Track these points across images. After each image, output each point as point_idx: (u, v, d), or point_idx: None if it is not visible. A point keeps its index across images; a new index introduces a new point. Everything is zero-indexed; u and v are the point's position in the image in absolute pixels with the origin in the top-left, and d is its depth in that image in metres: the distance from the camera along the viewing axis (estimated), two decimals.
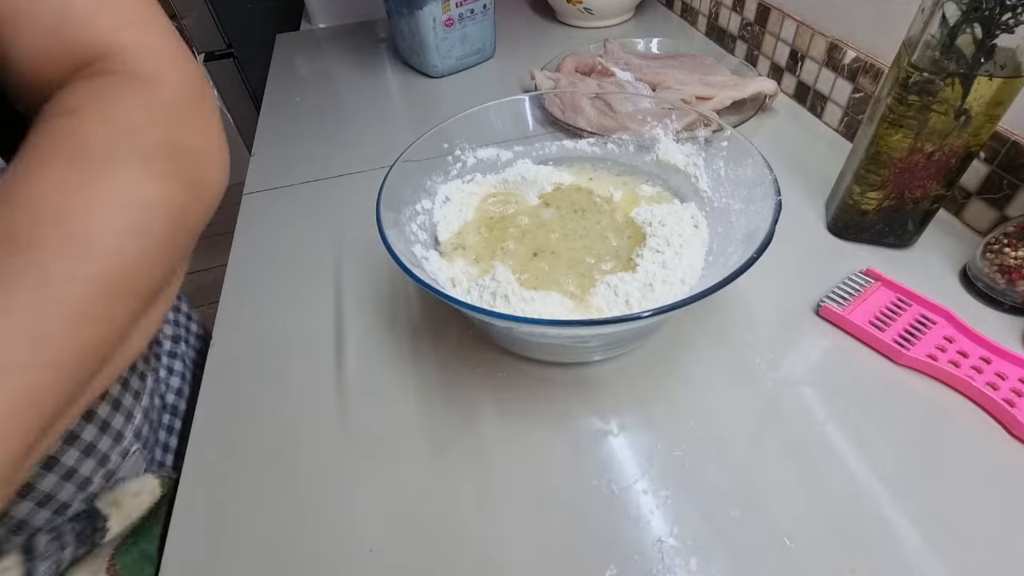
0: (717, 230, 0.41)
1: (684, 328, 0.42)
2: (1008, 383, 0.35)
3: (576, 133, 0.54)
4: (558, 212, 0.45)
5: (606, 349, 0.39)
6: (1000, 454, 0.33)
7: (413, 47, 0.80)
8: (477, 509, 0.33)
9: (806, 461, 0.33)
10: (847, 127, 0.59)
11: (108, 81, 0.27)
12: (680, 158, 0.46)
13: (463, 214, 0.45)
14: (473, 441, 0.36)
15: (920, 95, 0.37)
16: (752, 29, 0.73)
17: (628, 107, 0.55)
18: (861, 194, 0.44)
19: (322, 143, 0.69)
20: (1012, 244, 0.39)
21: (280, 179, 0.62)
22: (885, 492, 0.32)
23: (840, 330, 0.40)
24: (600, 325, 0.32)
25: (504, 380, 0.39)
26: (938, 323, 0.39)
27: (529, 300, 0.36)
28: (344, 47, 0.94)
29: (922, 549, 0.29)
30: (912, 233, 0.45)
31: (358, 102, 0.77)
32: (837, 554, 0.29)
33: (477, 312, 0.32)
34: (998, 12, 0.32)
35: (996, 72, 0.34)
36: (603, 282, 0.38)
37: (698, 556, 0.30)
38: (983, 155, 0.44)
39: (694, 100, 0.60)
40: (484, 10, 0.79)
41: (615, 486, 0.33)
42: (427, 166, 0.45)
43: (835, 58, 0.59)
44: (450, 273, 0.40)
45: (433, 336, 0.42)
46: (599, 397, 0.38)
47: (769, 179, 0.36)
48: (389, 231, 0.36)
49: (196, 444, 0.37)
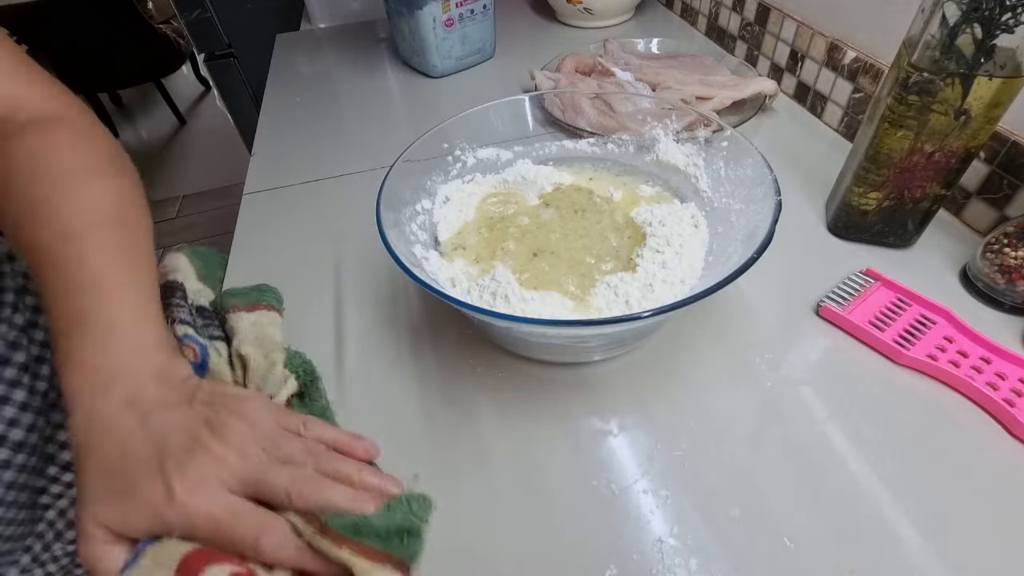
0: (717, 230, 0.41)
1: (684, 328, 0.42)
2: (1008, 383, 0.35)
3: (576, 133, 0.54)
4: (558, 212, 0.45)
5: (606, 349, 0.39)
6: (1000, 454, 0.33)
7: (413, 47, 0.80)
8: (477, 509, 0.33)
9: (806, 461, 0.33)
10: (847, 127, 0.59)
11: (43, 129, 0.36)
12: (680, 158, 0.46)
13: (463, 214, 0.45)
14: (473, 441, 0.36)
15: (920, 95, 0.37)
16: (752, 29, 0.73)
17: (628, 107, 0.55)
18: (861, 194, 0.44)
19: (322, 143, 0.69)
20: (1012, 244, 0.39)
21: (280, 179, 0.62)
22: (885, 492, 0.32)
23: (840, 330, 0.40)
24: (600, 325, 0.32)
25: (504, 380, 0.39)
26: (938, 323, 0.39)
27: (529, 300, 0.36)
28: (344, 47, 0.94)
29: (922, 549, 0.29)
30: (912, 233, 0.45)
31: (358, 102, 0.77)
32: (837, 554, 0.29)
33: (477, 312, 0.32)
34: (998, 12, 0.32)
35: (996, 72, 0.34)
36: (603, 282, 0.38)
37: (698, 556, 0.30)
38: (983, 155, 0.44)
39: (694, 100, 0.60)
40: (484, 10, 0.79)
41: (615, 486, 0.33)
42: (427, 166, 0.45)
43: (835, 58, 0.59)
44: (450, 273, 0.40)
45: (433, 336, 0.42)
46: (599, 397, 0.38)
47: (769, 179, 0.36)
48: (389, 231, 0.36)
49: None
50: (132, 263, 0.32)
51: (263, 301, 0.40)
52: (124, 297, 0.31)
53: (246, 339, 0.37)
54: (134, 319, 0.31)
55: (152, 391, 0.28)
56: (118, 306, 0.30)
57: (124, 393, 0.28)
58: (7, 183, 0.33)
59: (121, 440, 0.27)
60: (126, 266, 0.32)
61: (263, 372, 0.35)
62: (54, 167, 0.34)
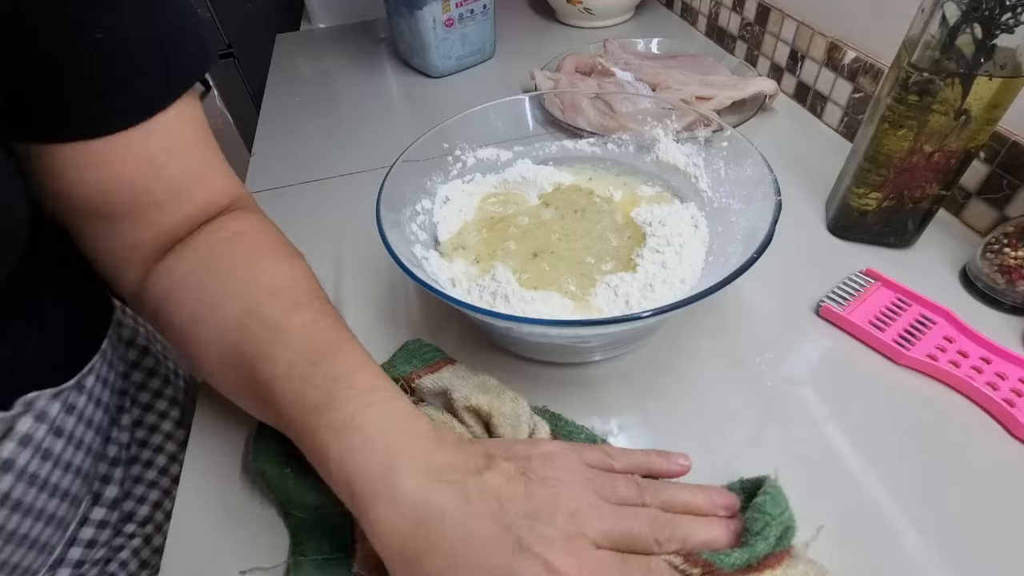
0: (717, 230, 0.41)
1: (684, 328, 0.41)
2: (1008, 383, 0.35)
3: (576, 133, 0.54)
4: (558, 212, 0.45)
5: (606, 349, 0.39)
6: (1000, 454, 0.33)
7: (413, 47, 0.80)
8: None
9: (806, 461, 0.33)
10: (847, 127, 0.59)
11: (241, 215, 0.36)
12: (680, 158, 0.46)
13: (463, 214, 0.45)
14: None
15: (920, 95, 0.37)
16: (752, 29, 0.72)
17: (628, 107, 0.55)
18: (861, 195, 0.44)
19: (322, 143, 0.69)
20: (1012, 244, 0.39)
21: (280, 179, 0.62)
22: (885, 492, 0.32)
23: (840, 330, 0.40)
24: (600, 325, 0.32)
25: (504, 380, 0.39)
26: (938, 323, 0.39)
27: (529, 300, 0.36)
28: (344, 47, 0.94)
29: (922, 549, 0.29)
30: (912, 233, 0.45)
31: (358, 102, 0.77)
32: (837, 554, 0.29)
33: (477, 312, 0.32)
34: (998, 12, 0.32)
35: (996, 72, 0.34)
36: (603, 282, 0.38)
37: None
38: (983, 155, 0.44)
39: (694, 100, 0.60)
40: (484, 10, 0.79)
41: None
42: (427, 166, 0.45)
43: (835, 58, 0.59)
44: (450, 273, 0.40)
45: (433, 336, 0.42)
46: (599, 397, 0.38)
47: (769, 179, 0.36)
48: (389, 231, 0.36)
49: (196, 445, 0.37)
50: (348, 331, 0.31)
51: (438, 358, 0.38)
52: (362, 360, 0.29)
53: (466, 390, 0.33)
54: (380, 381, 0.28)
55: (443, 455, 0.25)
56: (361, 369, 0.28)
57: (420, 465, 0.24)
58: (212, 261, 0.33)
59: (453, 524, 0.23)
60: (346, 333, 0.30)
61: (511, 415, 0.32)
62: (259, 244, 0.34)
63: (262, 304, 0.30)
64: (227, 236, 0.34)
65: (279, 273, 0.33)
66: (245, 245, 0.34)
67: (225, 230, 0.34)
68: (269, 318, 0.30)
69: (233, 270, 0.32)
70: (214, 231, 0.34)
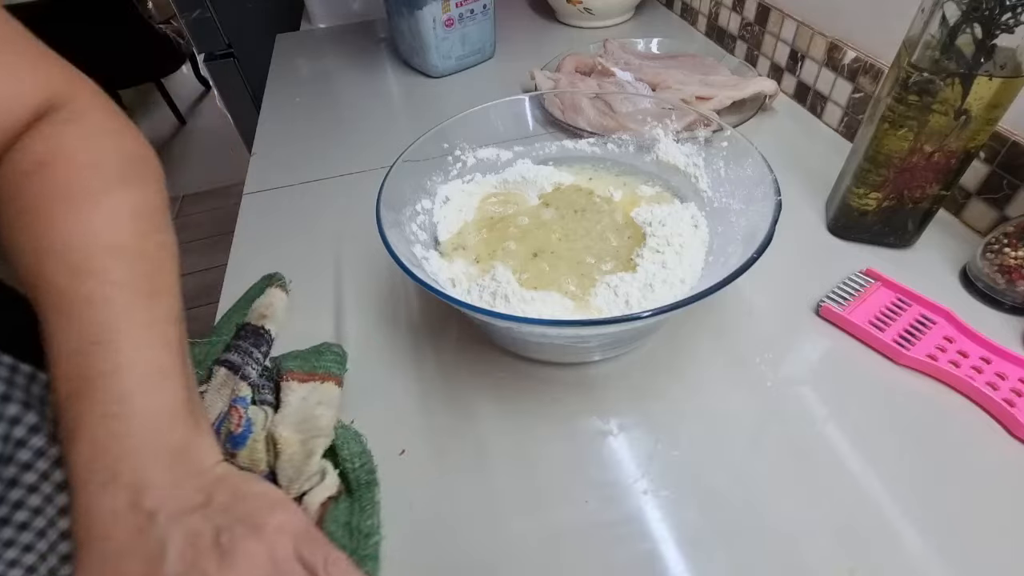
0: (717, 230, 0.41)
1: (684, 328, 0.41)
2: (1008, 383, 0.35)
3: (576, 133, 0.54)
4: (558, 212, 0.45)
5: (606, 349, 0.39)
6: (1000, 454, 0.33)
7: (413, 47, 0.80)
8: (476, 509, 0.33)
9: (806, 461, 0.33)
10: (847, 127, 0.59)
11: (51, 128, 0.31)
12: (680, 158, 0.46)
13: (463, 214, 0.45)
14: (473, 441, 0.36)
15: (920, 95, 0.37)
16: (752, 29, 0.72)
17: (628, 107, 0.55)
18: (861, 195, 0.44)
19: (322, 143, 0.69)
20: (1012, 244, 0.39)
21: (280, 179, 0.62)
22: (885, 492, 0.32)
23: (840, 330, 0.40)
24: (600, 325, 0.32)
25: (504, 380, 0.39)
26: (938, 323, 0.39)
27: (529, 300, 0.36)
28: (344, 47, 0.94)
29: (922, 549, 0.29)
30: (912, 233, 0.45)
31: (358, 102, 0.77)
32: (837, 554, 0.29)
33: (477, 312, 0.32)
34: (998, 12, 0.32)
35: (996, 72, 0.34)
36: (603, 282, 0.38)
37: (698, 556, 0.30)
38: (983, 155, 0.44)
39: (694, 100, 0.60)
40: (484, 10, 0.79)
41: (615, 486, 0.33)
42: (427, 166, 0.45)
43: (835, 58, 0.59)
44: (450, 273, 0.40)
45: (433, 336, 0.42)
46: (599, 397, 0.38)
47: (769, 179, 0.36)
48: (389, 231, 0.36)
49: None
50: (150, 302, 0.29)
51: (320, 369, 0.37)
52: (139, 354, 0.27)
53: (287, 419, 0.33)
54: (149, 382, 0.27)
55: (162, 480, 0.25)
56: (129, 367, 0.27)
57: (131, 483, 0.25)
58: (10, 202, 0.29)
59: (118, 548, 0.24)
60: (142, 308, 0.28)
61: (297, 463, 0.31)
62: (61, 179, 0.29)
63: (44, 273, 0.27)
64: (26, 169, 0.29)
65: (75, 226, 0.28)
66: (42, 184, 0.29)
67: (27, 159, 0.30)
68: (51, 288, 0.27)
69: (21, 222, 0.29)
70: (19, 158, 0.30)
